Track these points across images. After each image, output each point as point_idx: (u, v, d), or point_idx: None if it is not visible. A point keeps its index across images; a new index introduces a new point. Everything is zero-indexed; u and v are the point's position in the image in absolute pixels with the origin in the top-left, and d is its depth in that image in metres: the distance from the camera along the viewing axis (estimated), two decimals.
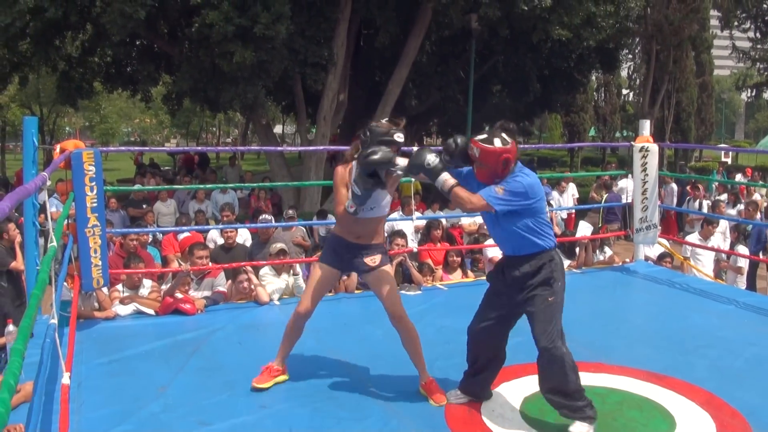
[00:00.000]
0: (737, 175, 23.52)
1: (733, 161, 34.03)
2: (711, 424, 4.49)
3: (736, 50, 30.41)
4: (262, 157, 44.88)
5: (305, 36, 15.81)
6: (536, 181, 4.37)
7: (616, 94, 42.37)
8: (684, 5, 25.81)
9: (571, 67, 25.17)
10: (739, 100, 78.20)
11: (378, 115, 18.57)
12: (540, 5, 15.90)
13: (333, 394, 4.79)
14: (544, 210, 4.44)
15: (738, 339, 6.23)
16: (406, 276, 7.95)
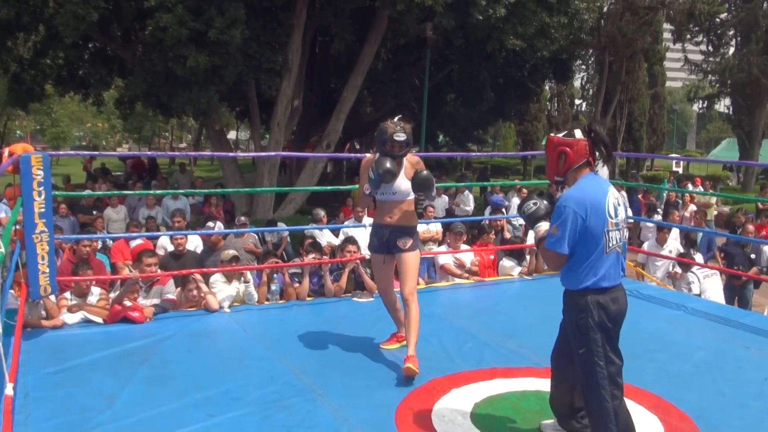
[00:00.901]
0: (688, 184, 23.86)
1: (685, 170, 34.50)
2: (659, 428, 4.56)
3: (689, 62, 30.88)
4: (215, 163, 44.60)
5: (260, 41, 15.71)
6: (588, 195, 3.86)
7: (569, 104, 42.80)
8: (637, 18, 26.19)
9: (525, 76, 25.40)
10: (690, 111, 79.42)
11: (332, 122, 18.56)
12: (494, 15, 16.00)
13: (282, 402, 4.74)
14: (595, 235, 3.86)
15: (687, 343, 6.34)
16: (358, 283, 7.93)
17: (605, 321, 3.84)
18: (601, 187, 3.90)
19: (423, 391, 4.99)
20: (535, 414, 4.68)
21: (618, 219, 3.86)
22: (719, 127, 67.79)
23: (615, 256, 3.87)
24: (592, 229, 3.79)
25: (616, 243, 3.86)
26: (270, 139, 18.37)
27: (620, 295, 3.91)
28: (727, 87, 30.68)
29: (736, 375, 5.56)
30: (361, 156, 6.75)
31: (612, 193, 3.91)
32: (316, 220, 11.86)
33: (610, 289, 3.85)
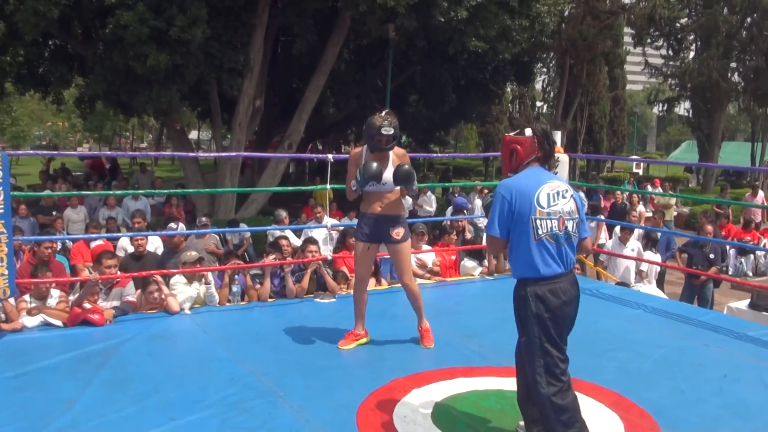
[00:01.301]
0: (647, 185, 24.17)
1: (645, 172, 34.93)
2: (620, 425, 4.61)
3: (649, 66, 31.22)
4: (176, 163, 44.24)
5: (221, 41, 15.60)
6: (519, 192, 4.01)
7: (531, 106, 43.10)
8: (598, 22, 26.43)
9: (487, 78, 25.53)
10: (651, 113, 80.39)
11: (294, 123, 18.50)
12: (456, 17, 16.04)
13: (244, 404, 4.72)
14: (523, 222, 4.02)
15: (646, 342, 6.41)
16: (320, 284, 7.91)
17: (542, 313, 3.93)
18: (537, 178, 4.05)
19: (384, 392, 4.99)
20: (495, 413, 4.71)
21: (552, 209, 3.95)
22: (679, 129, 68.79)
23: (549, 246, 3.96)
24: (518, 215, 3.94)
25: (547, 232, 3.94)
26: (232, 139, 18.25)
27: (562, 286, 3.99)
28: (687, 90, 31.07)
29: (696, 372, 5.64)
30: (323, 156, 7.53)
31: (551, 185, 4.03)
32: (278, 220, 11.83)
33: (548, 279, 3.95)
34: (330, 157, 8.07)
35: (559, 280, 3.98)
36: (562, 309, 3.98)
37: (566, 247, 4.02)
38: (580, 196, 4.21)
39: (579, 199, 4.13)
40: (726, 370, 5.71)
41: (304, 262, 7.89)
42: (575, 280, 4.11)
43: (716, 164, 30.25)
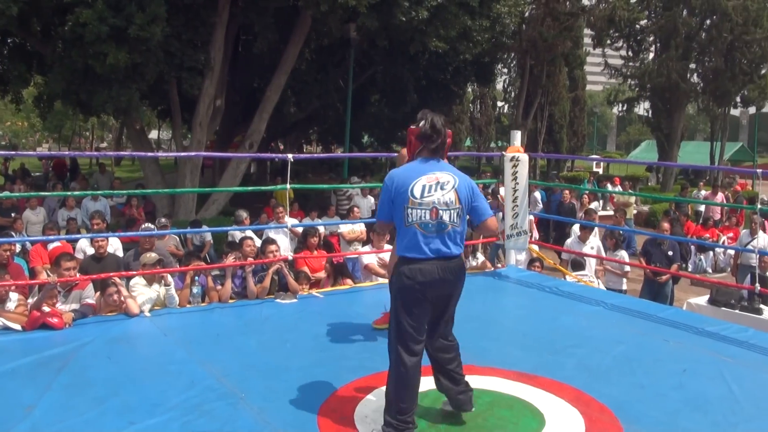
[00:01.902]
0: (607, 184, 24.42)
1: (605, 171, 35.27)
2: (580, 420, 4.64)
3: (609, 67, 31.51)
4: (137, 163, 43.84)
5: (182, 39, 15.48)
6: (397, 182, 4.36)
7: (492, 106, 43.34)
8: (558, 23, 26.62)
9: (448, 78, 25.66)
10: (611, 113, 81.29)
11: (255, 122, 18.43)
12: (417, 17, 16.08)
13: (204, 406, 4.67)
14: (400, 208, 4.37)
15: (606, 338, 6.47)
16: (282, 284, 7.87)
17: (403, 288, 4.28)
18: (419, 170, 4.37)
19: (345, 392, 4.98)
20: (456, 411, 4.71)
21: (424, 200, 4.25)
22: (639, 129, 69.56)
23: (418, 233, 4.25)
24: (396, 203, 4.31)
25: (416, 220, 4.25)
26: (192, 139, 18.12)
27: (424, 268, 4.26)
28: (647, 91, 31.42)
29: (655, 367, 5.70)
30: (283, 156, 7.52)
31: (430, 177, 4.32)
32: (239, 221, 11.77)
33: (411, 260, 4.26)
34: (290, 157, 8.02)
35: (422, 263, 4.25)
36: (423, 290, 4.25)
37: (438, 235, 4.28)
38: (470, 185, 4.41)
39: (467, 190, 4.37)
40: (685, 365, 5.78)
41: (265, 263, 7.84)
42: (450, 267, 4.33)
43: (675, 163, 30.64)
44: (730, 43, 28.09)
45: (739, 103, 33.74)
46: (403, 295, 4.30)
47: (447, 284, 4.35)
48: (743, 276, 11.32)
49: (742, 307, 8.88)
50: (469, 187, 4.40)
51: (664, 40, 29.48)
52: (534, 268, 9.97)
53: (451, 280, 4.35)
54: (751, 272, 9.30)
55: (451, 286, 4.39)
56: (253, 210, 13.66)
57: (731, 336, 6.72)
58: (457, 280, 4.40)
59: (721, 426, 4.69)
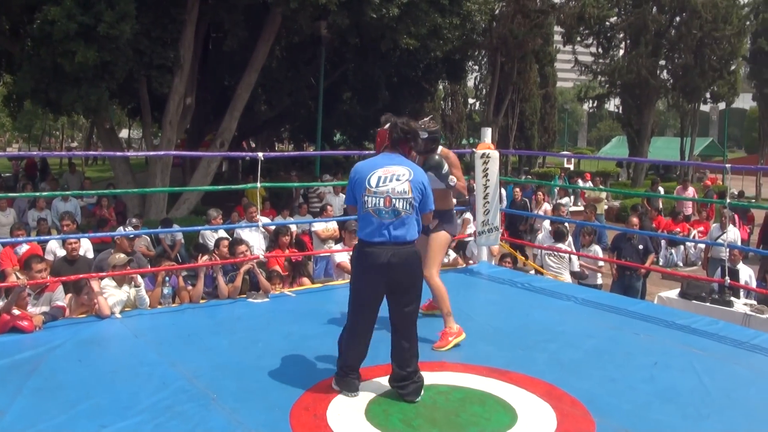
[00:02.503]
0: (578, 180, 24.58)
1: (576, 167, 35.50)
2: (552, 414, 4.66)
3: (579, 64, 31.69)
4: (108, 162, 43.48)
5: (151, 37, 15.35)
6: (359, 173, 4.95)
7: (463, 103, 43.33)
8: (528, 20, 26.73)
9: (419, 76, 25.71)
10: (581, 110, 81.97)
11: (226, 121, 18.34)
12: (388, 15, 16.07)
13: (176, 408, 4.64)
14: (359, 196, 4.94)
15: (577, 332, 6.51)
16: (253, 283, 7.83)
17: (358, 267, 4.92)
18: (376, 163, 4.97)
19: (318, 390, 4.96)
20: (428, 408, 4.74)
21: (379, 189, 4.81)
22: (609, 125, 70.19)
23: (372, 218, 4.81)
24: (356, 191, 4.92)
25: (371, 207, 4.81)
26: (162, 138, 17.99)
27: (379, 252, 4.78)
28: (617, 87, 31.65)
29: (626, 361, 5.74)
30: (254, 155, 7.68)
31: (386, 170, 4.89)
32: (210, 220, 11.69)
33: (370, 243, 4.80)
34: (260, 155, 7.98)
35: (374, 246, 4.79)
36: (372, 269, 4.79)
37: (392, 221, 4.81)
38: (423, 180, 4.97)
39: (419, 183, 4.91)
40: (656, 358, 5.82)
41: (236, 262, 7.80)
42: (399, 252, 4.81)
43: (646, 159, 30.84)
44: (699, 40, 28.35)
45: (708, 98, 34.10)
46: (356, 270, 4.97)
47: (394, 268, 4.78)
48: (714, 269, 11.43)
49: (713, 300, 8.98)
50: (421, 181, 4.93)
51: (633, 37, 29.70)
52: (505, 264, 10.03)
53: (398, 264, 4.78)
54: (722, 265, 9.36)
55: (399, 270, 4.81)
56: (225, 209, 13.58)
57: (702, 328, 6.79)
58: (405, 264, 4.82)
59: (692, 417, 4.74)
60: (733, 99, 35.07)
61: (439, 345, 5.97)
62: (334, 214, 14.07)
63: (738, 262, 10.07)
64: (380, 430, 4.42)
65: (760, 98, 33.88)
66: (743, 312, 8.54)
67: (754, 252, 12.19)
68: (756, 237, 16.42)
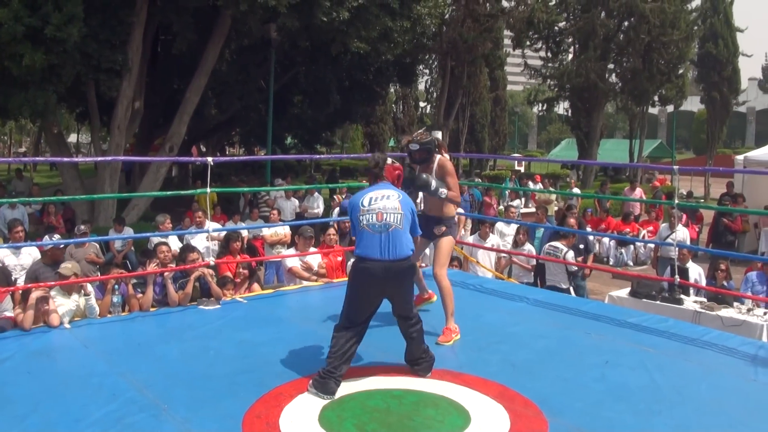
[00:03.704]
0: (528, 182, 24.78)
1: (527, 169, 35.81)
2: (505, 416, 4.70)
3: (528, 68, 31.91)
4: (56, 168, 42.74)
5: (99, 39, 15.09)
6: (354, 200, 5.45)
7: (414, 107, 43.47)
8: (478, 25, 26.82)
9: (370, 79, 25.72)
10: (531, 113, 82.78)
11: (175, 125, 18.16)
12: (338, 18, 16.05)
13: (126, 419, 4.58)
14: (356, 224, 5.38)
15: (528, 333, 6.57)
16: (204, 290, 7.74)
17: (355, 280, 5.38)
18: (368, 190, 5.48)
19: (270, 398, 4.94)
20: (382, 412, 4.76)
21: (371, 207, 5.32)
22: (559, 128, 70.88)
23: (366, 234, 5.29)
24: (352, 215, 5.42)
25: (366, 223, 5.29)
26: (110, 143, 17.72)
27: (377, 267, 5.22)
28: (566, 91, 31.90)
29: (578, 360, 5.80)
30: (203, 159, 8.00)
31: (378, 192, 5.42)
32: (159, 226, 11.52)
33: (366, 259, 5.25)
34: (210, 161, 7.91)
35: (370, 262, 5.24)
36: (369, 284, 5.27)
37: (384, 234, 5.26)
38: (411, 205, 5.53)
39: (409, 205, 5.47)
40: (607, 356, 5.91)
41: (186, 269, 7.70)
42: (393, 268, 5.23)
43: (595, 161, 31.19)
44: (647, 44, 28.70)
45: (657, 101, 34.54)
46: (353, 284, 5.36)
47: (389, 282, 5.26)
48: (663, 268, 11.59)
49: (663, 298, 9.09)
50: (410, 205, 5.48)
51: (582, 41, 29.95)
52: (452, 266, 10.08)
53: (393, 278, 5.25)
54: (671, 264, 9.52)
55: (394, 284, 5.29)
56: (175, 215, 13.43)
57: (652, 326, 6.91)
58: (398, 278, 5.29)
59: (643, 414, 4.81)
60: (681, 102, 35.62)
61: (444, 340, 6.26)
62: (286, 219, 13.99)
63: (687, 261, 10.22)
64: None
65: (707, 101, 34.45)
66: (693, 309, 8.67)
67: (702, 251, 12.41)
68: (705, 236, 16.74)
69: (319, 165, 41.93)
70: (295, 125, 29.14)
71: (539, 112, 44.91)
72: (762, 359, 6.06)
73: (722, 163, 33.07)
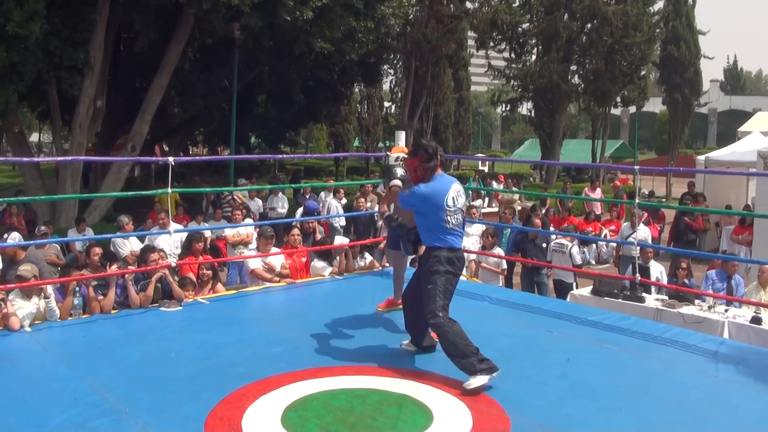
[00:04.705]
0: (492, 182, 24.91)
1: (490, 169, 35.99)
2: (467, 414, 4.73)
3: (492, 68, 32.09)
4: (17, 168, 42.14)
5: (61, 37, 14.90)
6: (432, 192, 5.54)
7: (379, 107, 43.48)
8: (442, 26, 26.93)
9: (335, 79, 25.71)
10: (495, 113, 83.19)
11: (137, 124, 18.00)
12: (302, 17, 16.03)
13: (87, 424, 4.53)
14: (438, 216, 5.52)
15: (492, 332, 6.57)
16: (166, 291, 7.66)
17: (451, 269, 5.54)
18: (444, 185, 5.61)
19: (232, 400, 4.91)
20: (345, 411, 4.75)
21: (456, 207, 5.58)
22: (522, 128, 71.45)
23: (455, 231, 5.61)
24: (431, 209, 5.54)
25: (456, 223, 5.58)
26: (72, 142, 17.52)
27: (462, 257, 5.81)
28: (529, 92, 32.18)
29: (540, 358, 5.85)
30: (164, 159, 7.85)
31: (453, 189, 5.61)
32: (120, 227, 11.40)
33: (456, 249, 5.61)
34: (171, 160, 7.84)
35: (459, 252, 5.69)
36: (460, 271, 5.75)
37: (461, 231, 5.70)
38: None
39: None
40: (569, 354, 5.97)
41: (147, 270, 7.62)
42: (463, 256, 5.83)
43: (558, 162, 31.47)
44: (610, 46, 29.03)
45: (619, 102, 34.91)
46: (449, 273, 5.53)
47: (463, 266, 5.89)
48: (625, 267, 11.73)
49: (625, 296, 9.17)
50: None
51: (545, 42, 30.23)
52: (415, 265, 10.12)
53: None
54: (633, 263, 9.65)
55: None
56: (138, 215, 13.32)
57: (614, 324, 6.97)
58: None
59: (605, 411, 4.87)
60: (643, 103, 36.08)
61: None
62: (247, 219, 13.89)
63: (649, 260, 10.36)
64: None
65: (669, 102, 34.87)
66: (655, 307, 8.77)
67: (664, 249, 12.57)
68: (667, 235, 16.97)
69: (283, 165, 41.80)
70: (259, 125, 29.03)
71: (503, 112, 45.18)
72: (723, 355, 6.15)
73: (684, 163, 33.50)
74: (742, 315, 8.68)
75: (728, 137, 47.07)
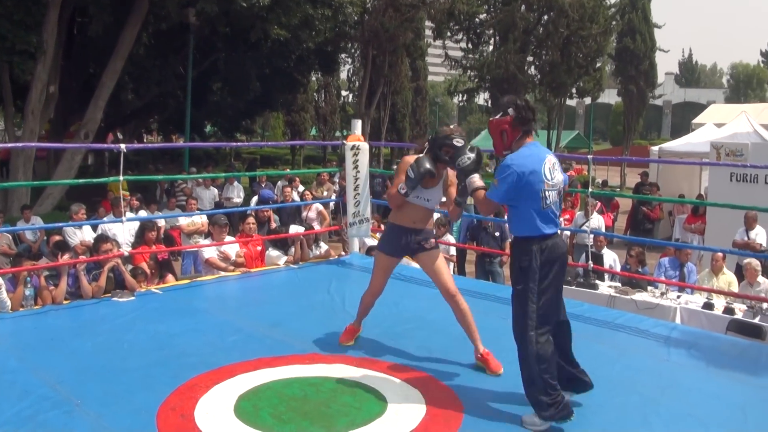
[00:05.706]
0: None
1: None
2: (421, 400, 4.76)
3: (449, 58, 32.15)
4: None
5: (13, 20, 14.66)
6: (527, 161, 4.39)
7: (336, 95, 43.38)
8: (399, 14, 26.92)
9: (291, 67, 25.63)
10: (452, 103, 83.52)
11: (91, 110, 17.76)
12: (258, 4, 15.95)
13: (38, 417, 4.46)
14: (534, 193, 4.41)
15: (445, 320, 6.52)
16: (119, 282, 7.58)
17: (542, 259, 4.44)
18: (537, 155, 4.46)
19: (184, 390, 4.88)
20: (299, 400, 4.75)
21: (552, 182, 4.44)
22: (479, 118, 71.58)
23: (551, 211, 4.46)
24: (527, 187, 4.36)
25: (552, 201, 4.45)
26: (24, 129, 17.26)
27: (560, 242, 4.60)
28: (486, 82, 32.24)
29: (494, 345, 5.80)
30: (114, 146, 7.60)
31: (549, 160, 4.47)
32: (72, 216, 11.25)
33: (549, 236, 4.46)
34: (122, 147, 7.74)
35: (554, 237, 4.52)
36: (558, 260, 4.53)
37: (558, 211, 4.57)
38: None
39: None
40: None
41: (100, 260, 7.53)
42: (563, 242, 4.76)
43: None
44: (566, 38, 29.23)
45: (575, 94, 35.19)
46: (543, 271, 4.46)
47: (565, 257, 4.65)
48: (579, 255, 11.89)
49: (578, 283, 9.31)
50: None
51: (502, 33, 30.30)
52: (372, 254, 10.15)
53: (566, 252, 4.69)
54: (586, 251, 9.81)
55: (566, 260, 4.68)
56: (91, 204, 13.14)
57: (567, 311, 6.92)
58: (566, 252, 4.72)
59: None
60: (598, 94, 36.36)
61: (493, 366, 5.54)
62: (204, 208, 13.82)
63: (602, 248, 10.51)
64: (250, 426, 4.38)
65: (624, 94, 35.32)
66: (608, 294, 8.90)
67: (617, 238, 12.80)
68: (623, 224, 17.23)
69: (239, 153, 41.55)
70: (214, 113, 28.85)
71: (459, 102, 45.31)
72: (674, 340, 6.28)
73: (638, 154, 33.99)
74: (694, 301, 8.88)
75: (682, 129, 47.80)
